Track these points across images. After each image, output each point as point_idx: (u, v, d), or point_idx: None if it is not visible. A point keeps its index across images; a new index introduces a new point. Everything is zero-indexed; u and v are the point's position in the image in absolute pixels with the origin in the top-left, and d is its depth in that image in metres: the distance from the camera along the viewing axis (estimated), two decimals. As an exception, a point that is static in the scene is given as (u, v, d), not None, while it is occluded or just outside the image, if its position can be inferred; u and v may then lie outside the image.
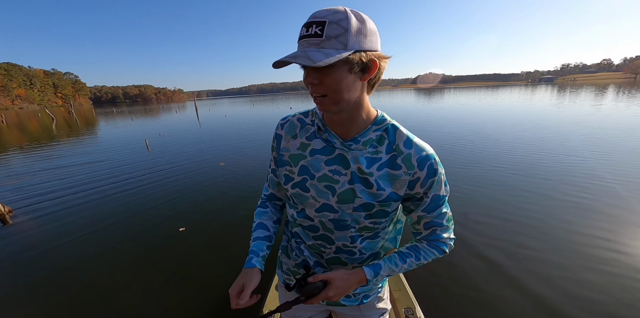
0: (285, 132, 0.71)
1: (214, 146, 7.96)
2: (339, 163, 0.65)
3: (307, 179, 0.67)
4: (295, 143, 0.69)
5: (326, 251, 0.73)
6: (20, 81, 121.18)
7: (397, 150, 0.63)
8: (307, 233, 0.74)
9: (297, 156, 0.68)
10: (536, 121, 9.60)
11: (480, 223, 2.81)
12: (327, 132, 0.65)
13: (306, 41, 0.52)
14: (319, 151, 0.66)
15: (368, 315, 0.83)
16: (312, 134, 0.68)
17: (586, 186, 3.57)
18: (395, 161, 0.63)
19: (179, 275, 2.21)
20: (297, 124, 0.71)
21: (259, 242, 0.73)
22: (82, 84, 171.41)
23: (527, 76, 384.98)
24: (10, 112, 49.67)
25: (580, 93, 26.57)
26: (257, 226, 0.78)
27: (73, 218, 3.33)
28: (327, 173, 0.65)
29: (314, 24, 0.51)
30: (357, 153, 0.63)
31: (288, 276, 0.83)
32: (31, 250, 2.67)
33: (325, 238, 0.71)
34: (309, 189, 0.68)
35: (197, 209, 3.44)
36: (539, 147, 5.78)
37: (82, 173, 5.47)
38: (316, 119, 0.68)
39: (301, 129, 0.70)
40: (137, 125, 16.05)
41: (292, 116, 0.73)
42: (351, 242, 0.70)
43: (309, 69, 0.54)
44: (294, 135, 0.70)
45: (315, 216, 0.69)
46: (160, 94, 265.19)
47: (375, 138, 0.63)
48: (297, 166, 0.68)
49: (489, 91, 46.65)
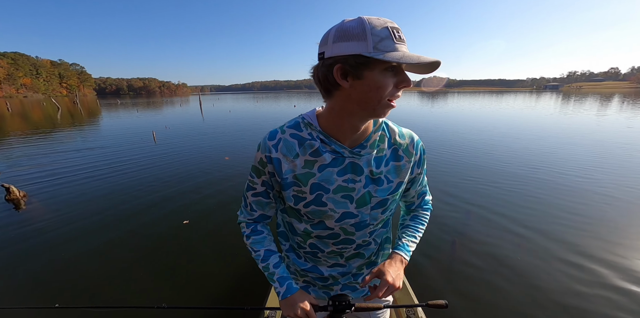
0: (283, 154, 0.65)
1: (219, 141, 8.08)
2: (352, 172, 0.65)
3: (322, 195, 0.66)
4: (299, 162, 0.65)
5: (346, 251, 0.75)
6: (26, 70, 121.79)
7: (397, 143, 0.68)
8: (325, 242, 0.74)
9: (305, 175, 0.65)
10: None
11: (481, 224, 2.91)
12: (333, 143, 0.63)
13: (405, 45, 0.54)
14: (329, 164, 0.64)
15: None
16: (317, 150, 0.64)
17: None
18: (398, 153, 0.68)
19: (180, 267, 2.29)
20: (292, 141, 0.65)
21: (283, 267, 0.74)
22: (87, 75, 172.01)
23: (533, 82, 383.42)
24: (14, 101, 49.98)
25: (584, 102, 26.49)
26: (266, 254, 0.75)
27: (84, 205, 3.45)
28: (341, 184, 0.65)
29: (400, 30, 0.54)
30: (367, 157, 0.65)
31: (295, 277, 0.84)
32: (40, 235, 2.79)
33: (346, 241, 0.73)
34: (326, 203, 0.66)
35: (202, 202, 3.54)
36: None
37: (91, 161, 5.60)
38: (314, 131, 0.64)
39: (300, 146, 0.64)
40: (143, 117, 16.19)
41: (282, 132, 0.66)
42: (369, 236, 0.74)
43: (406, 72, 0.57)
44: (294, 155, 0.65)
45: (336, 225, 0.69)
46: (164, 88, 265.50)
47: (378, 138, 0.66)
48: (307, 185, 0.65)
49: (493, 97, 46.54)
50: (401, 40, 0.53)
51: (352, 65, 0.53)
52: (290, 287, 0.71)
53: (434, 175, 4.38)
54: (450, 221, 2.95)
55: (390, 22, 0.53)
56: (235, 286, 2.04)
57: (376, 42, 0.51)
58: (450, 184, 4.01)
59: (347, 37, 0.52)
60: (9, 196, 3.52)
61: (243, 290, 2.00)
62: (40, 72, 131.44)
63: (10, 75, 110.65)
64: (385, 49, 0.52)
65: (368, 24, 0.52)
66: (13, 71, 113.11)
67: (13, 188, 3.55)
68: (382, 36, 0.52)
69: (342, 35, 0.53)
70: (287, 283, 0.72)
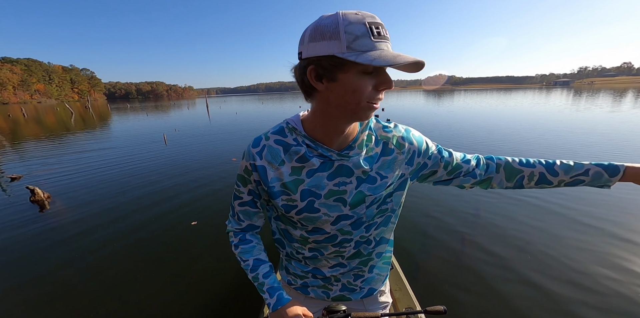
0: (268, 161, 0.63)
1: (226, 142, 8.26)
2: (342, 174, 0.63)
3: (314, 201, 0.64)
4: (285, 169, 0.62)
5: (346, 250, 0.73)
6: (39, 76, 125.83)
7: (383, 137, 0.65)
8: (324, 245, 0.72)
9: (294, 182, 0.63)
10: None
11: (483, 224, 2.91)
12: (319, 147, 0.61)
13: (386, 43, 0.49)
14: (318, 169, 0.62)
15: (371, 309, 0.83)
16: (304, 156, 0.61)
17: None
18: (388, 147, 0.65)
19: (188, 269, 2.34)
20: (277, 148, 0.62)
21: (274, 277, 0.71)
22: (97, 79, 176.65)
23: (542, 79, 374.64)
24: (29, 106, 51.61)
25: (597, 98, 25.76)
26: (255, 263, 0.71)
27: (103, 205, 3.59)
28: (332, 188, 0.63)
29: (381, 25, 0.49)
30: (356, 158, 0.62)
31: (294, 278, 0.82)
32: (64, 235, 2.92)
33: (344, 240, 0.71)
34: (319, 209, 0.65)
35: (210, 203, 3.62)
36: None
37: (107, 163, 5.79)
38: (299, 136, 0.62)
39: (285, 152, 0.62)
40: (153, 120, 16.61)
41: (265, 139, 0.63)
42: (366, 232, 0.71)
43: (387, 72, 0.53)
44: (280, 162, 0.62)
45: (332, 228, 0.68)
46: (171, 91, 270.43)
47: (366, 137, 0.64)
48: (297, 193, 0.63)
49: (501, 94, 45.72)
50: (381, 37, 0.48)
51: (325, 67, 0.49)
52: (281, 297, 0.67)
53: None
54: (459, 218, 2.97)
55: (370, 16, 0.48)
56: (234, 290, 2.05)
57: (350, 41, 0.47)
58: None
59: (321, 36, 0.48)
60: (34, 197, 3.69)
61: (240, 298, 1.96)
62: (53, 77, 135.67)
63: (24, 81, 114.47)
64: (361, 48, 0.47)
65: (342, 21, 0.47)
66: (27, 77, 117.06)
67: (38, 189, 3.72)
68: (358, 34, 0.47)
69: (316, 34, 0.49)
70: (278, 293, 0.68)
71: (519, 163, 0.69)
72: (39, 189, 3.75)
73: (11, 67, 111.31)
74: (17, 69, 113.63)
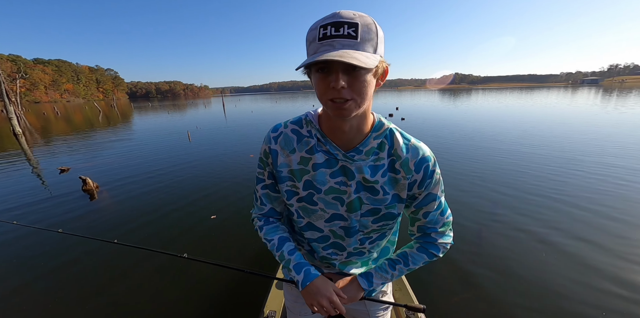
0: (281, 146, 0.66)
1: (243, 139, 8.70)
2: (343, 175, 0.64)
3: (313, 194, 0.66)
4: (295, 157, 0.66)
5: (338, 258, 0.74)
6: (69, 76, 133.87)
7: (395, 155, 0.63)
8: (316, 246, 0.74)
9: (300, 171, 0.66)
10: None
11: (486, 224, 2.90)
12: (328, 143, 0.63)
13: (338, 41, 0.48)
14: (322, 164, 0.64)
15: (372, 310, 0.84)
16: (312, 148, 0.64)
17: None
18: (394, 165, 0.64)
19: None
20: (292, 136, 0.66)
21: (299, 254, 0.72)
22: (120, 79, 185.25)
23: (568, 77, 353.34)
24: (59, 105, 54.98)
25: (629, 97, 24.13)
26: (280, 241, 0.73)
27: (140, 199, 3.96)
28: (333, 185, 0.65)
29: (345, 24, 0.48)
30: (360, 163, 0.63)
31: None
32: (105, 224, 3.29)
33: (336, 245, 0.72)
34: (317, 202, 0.67)
35: (229, 198, 3.80)
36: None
37: (155, 159, 6.26)
38: (313, 129, 0.64)
39: (298, 142, 0.65)
40: (175, 118, 17.44)
41: (284, 127, 0.67)
42: (360, 244, 0.72)
43: (340, 72, 0.49)
44: (291, 150, 0.66)
45: (325, 226, 0.70)
46: (188, 90, 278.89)
47: (377, 145, 0.63)
48: (301, 181, 0.66)
49: (522, 93, 43.74)
50: (326, 37, 0.49)
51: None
52: (309, 273, 0.68)
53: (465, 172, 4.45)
54: (460, 218, 3.06)
55: (330, 17, 0.49)
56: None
57: (307, 46, 0.52)
58: (483, 176, 4.09)
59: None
60: (85, 186, 4.14)
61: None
62: (81, 77, 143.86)
63: (55, 81, 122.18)
64: (311, 52, 0.51)
65: (311, 27, 0.51)
66: (57, 77, 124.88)
67: (89, 180, 4.17)
68: (310, 39, 0.51)
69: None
70: (305, 269, 0.68)
71: (397, 254, 0.76)
72: (90, 179, 4.19)
73: (43, 68, 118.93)
74: (49, 70, 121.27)
